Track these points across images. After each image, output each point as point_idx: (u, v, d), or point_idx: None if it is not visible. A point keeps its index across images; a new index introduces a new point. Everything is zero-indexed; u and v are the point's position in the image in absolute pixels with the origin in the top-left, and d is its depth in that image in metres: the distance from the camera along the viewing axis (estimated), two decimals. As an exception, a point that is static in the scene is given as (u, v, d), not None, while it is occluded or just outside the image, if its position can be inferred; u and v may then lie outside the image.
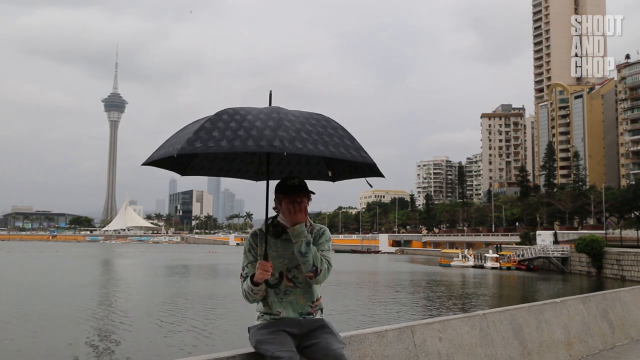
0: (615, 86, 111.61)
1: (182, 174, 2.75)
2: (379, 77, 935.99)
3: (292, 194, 2.61)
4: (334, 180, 2.93)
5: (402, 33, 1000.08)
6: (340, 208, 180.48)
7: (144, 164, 2.48)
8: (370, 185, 2.71)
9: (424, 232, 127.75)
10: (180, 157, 2.52)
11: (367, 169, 2.67)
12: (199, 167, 2.78)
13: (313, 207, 2.82)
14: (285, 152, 2.12)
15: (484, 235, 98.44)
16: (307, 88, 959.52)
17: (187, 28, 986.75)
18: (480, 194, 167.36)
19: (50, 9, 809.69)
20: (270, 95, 2.60)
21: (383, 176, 2.65)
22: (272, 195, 2.68)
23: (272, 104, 2.56)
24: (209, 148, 2.17)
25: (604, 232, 62.52)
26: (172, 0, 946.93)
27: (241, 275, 2.66)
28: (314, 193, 2.67)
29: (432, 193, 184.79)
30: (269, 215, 2.67)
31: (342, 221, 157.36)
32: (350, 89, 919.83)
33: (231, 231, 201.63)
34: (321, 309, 2.77)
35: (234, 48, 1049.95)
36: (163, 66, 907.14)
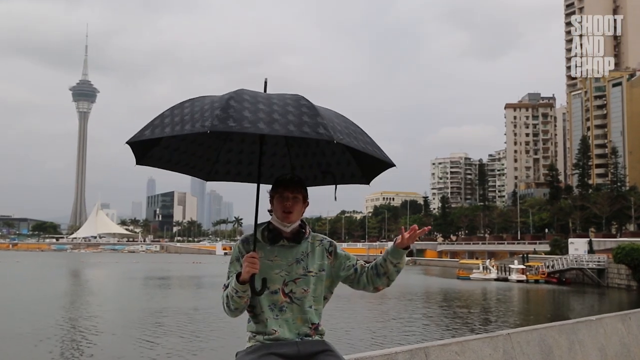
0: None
1: (137, 163, 2.79)
2: (383, 69, 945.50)
3: (284, 188, 2.67)
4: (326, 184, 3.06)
5: (408, 26, 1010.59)
6: (343, 212, 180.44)
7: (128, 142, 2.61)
8: (335, 199, 2.90)
9: (440, 239, 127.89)
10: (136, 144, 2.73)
11: (358, 171, 2.93)
12: (157, 157, 2.84)
13: (312, 211, 2.88)
14: (209, 130, 2.22)
15: (508, 243, 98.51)
16: (306, 83, 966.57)
17: (164, 19, 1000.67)
18: (504, 196, 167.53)
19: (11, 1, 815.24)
20: (266, 83, 2.66)
21: (369, 180, 2.87)
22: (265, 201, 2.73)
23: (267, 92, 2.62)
24: (154, 134, 2.43)
25: (646, 239, 62.50)
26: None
27: (224, 285, 2.65)
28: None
29: (449, 195, 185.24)
30: (264, 220, 2.74)
31: (346, 227, 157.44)
32: (354, 82, 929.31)
33: (218, 239, 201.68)
34: (322, 334, 2.78)
35: (215, 39, 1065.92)
36: (136, 59, 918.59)
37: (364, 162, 2.88)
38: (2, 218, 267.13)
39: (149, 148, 2.75)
